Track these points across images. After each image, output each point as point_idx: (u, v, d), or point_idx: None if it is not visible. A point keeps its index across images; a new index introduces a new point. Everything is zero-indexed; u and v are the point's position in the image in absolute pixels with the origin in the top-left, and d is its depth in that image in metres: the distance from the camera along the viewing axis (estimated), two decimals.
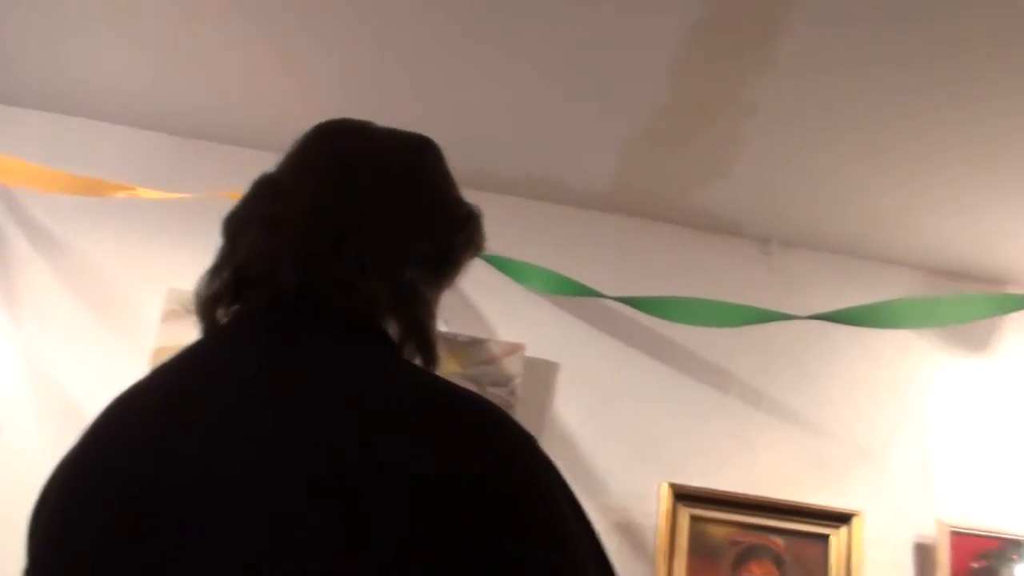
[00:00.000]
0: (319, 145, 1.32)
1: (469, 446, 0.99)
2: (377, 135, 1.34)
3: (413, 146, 1.34)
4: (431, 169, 1.32)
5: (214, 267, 1.23)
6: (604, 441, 3.15)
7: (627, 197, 3.26)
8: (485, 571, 0.92)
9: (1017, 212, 3.08)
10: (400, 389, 1.05)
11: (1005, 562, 3.22)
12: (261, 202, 1.27)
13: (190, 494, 0.99)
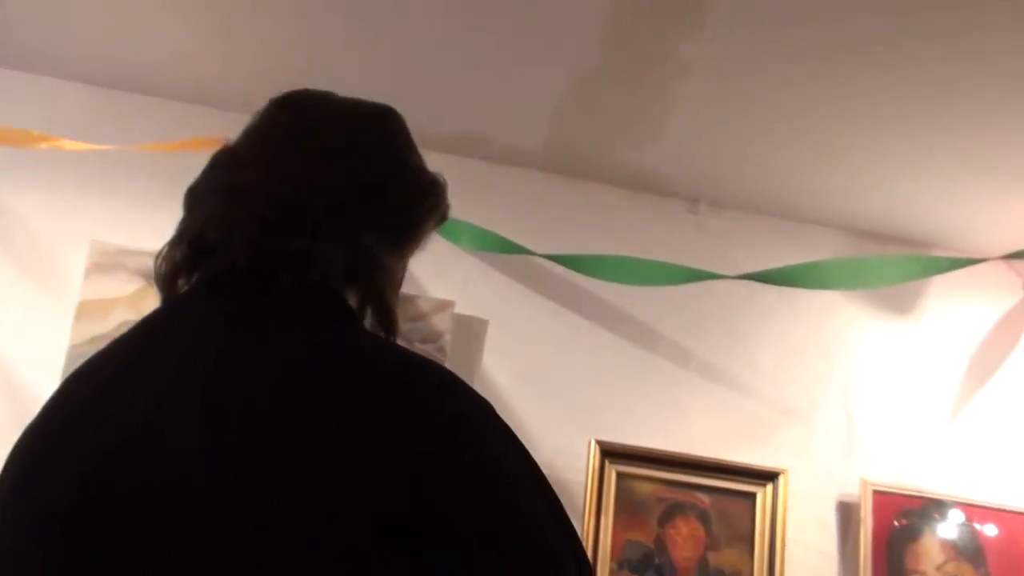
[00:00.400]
0: (279, 115, 1.33)
1: (424, 419, 1.00)
2: (338, 104, 1.35)
3: (374, 114, 1.35)
4: (392, 137, 1.34)
5: (174, 238, 1.25)
6: (533, 398, 3.16)
7: (558, 156, 3.27)
8: (443, 544, 0.94)
9: (943, 174, 3.13)
10: (350, 361, 1.05)
11: (927, 521, 3.28)
12: (219, 172, 1.28)
13: (135, 473, 1.00)
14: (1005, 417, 3.47)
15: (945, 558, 3.26)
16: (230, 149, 1.31)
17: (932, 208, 3.33)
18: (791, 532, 3.18)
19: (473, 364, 3.15)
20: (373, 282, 1.21)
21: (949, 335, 3.53)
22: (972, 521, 3.30)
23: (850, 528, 3.25)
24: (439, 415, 1.01)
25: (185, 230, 1.24)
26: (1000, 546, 3.29)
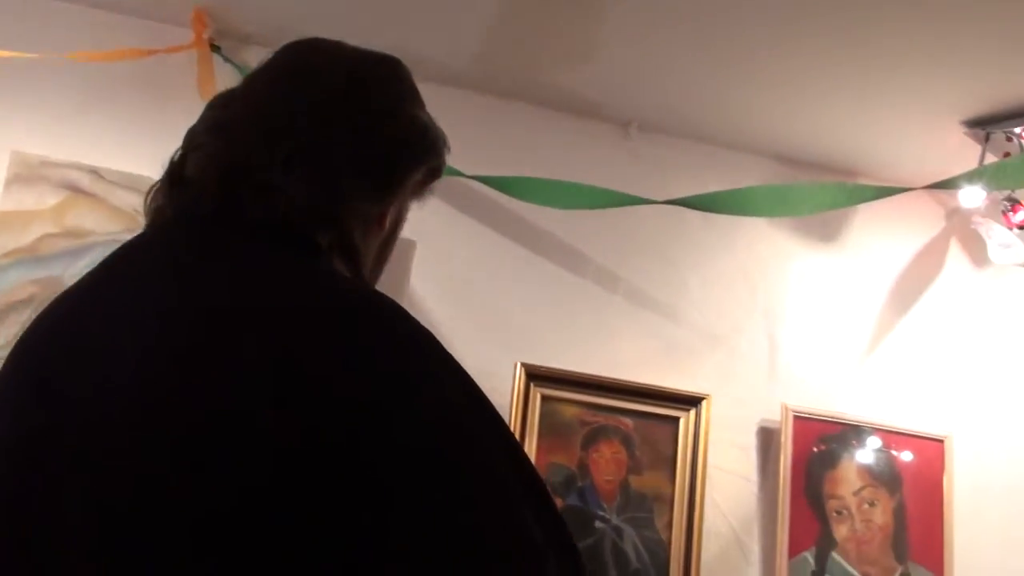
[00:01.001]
0: (279, 58, 1.33)
1: (367, 361, 1.00)
2: (339, 51, 1.35)
3: (372, 61, 1.34)
4: (384, 84, 1.32)
5: (164, 174, 1.24)
6: (460, 320, 3.17)
7: (489, 76, 3.26)
8: (389, 484, 0.95)
9: (868, 103, 3.17)
10: (302, 297, 1.06)
11: (845, 446, 3.36)
12: (213, 111, 1.27)
13: (82, 406, 1.01)
14: (925, 345, 3.56)
15: (862, 484, 3.35)
16: (229, 91, 1.31)
17: (858, 137, 3.38)
18: (712, 457, 3.25)
19: (400, 285, 3.15)
20: (340, 223, 1.21)
21: (872, 264, 3.60)
22: (889, 447, 3.38)
23: (770, 453, 3.33)
24: (381, 365, 1.01)
25: (175, 165, 1.25)
26: (915, 472, 3.38)
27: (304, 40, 1.36)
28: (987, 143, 3.24)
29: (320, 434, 0.94)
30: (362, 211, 1.25)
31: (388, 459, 0.95)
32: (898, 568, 3.30)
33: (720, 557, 3.22)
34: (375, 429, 0.96)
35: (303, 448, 0.93)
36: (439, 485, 0.96)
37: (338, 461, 0.93)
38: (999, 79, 2.99)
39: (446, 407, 1.03)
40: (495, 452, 1.03)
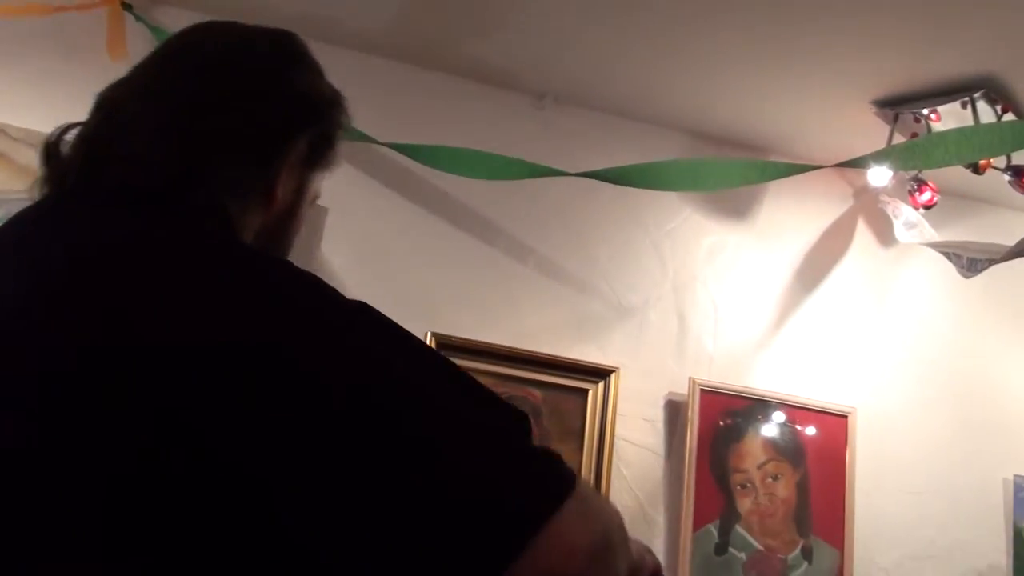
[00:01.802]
0: (170, 39, 1.34)
1: (231, 311, 1.00)
2: (227, 28, 1.35)
3: (255, 34, 1.35)
4: (264, 55, 1.32)
5: (40, 151, 1.26)
6: (370, 289, 3.12)
7: (404, 43, 3.27)
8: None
9: (780, 81, 3.23)
10: (143, 263, 1.05)
11: (751, 421, 3.42)
12: (102, 92, 1.28)
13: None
14: (831, 322, 3.64)
15: (766, 457, 3.41)
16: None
17: (770, 114, 3.45)
18: (620, 429, 3.29)
19: (311, 252, 3.15)
20: (210, 193, 1.20)
21: (781, 240, 3.67)
22: (794, 422, 3.45)
23: (677, 427, 3.38)
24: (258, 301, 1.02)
25: (44, 145, 1.26)
26: (819, 446, 3.45)
27: (200, 23, 1.36)
28: (896, 123, 3.31)
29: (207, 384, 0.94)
30: (239, 182, 1.24)
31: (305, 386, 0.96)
32: (800, 541, 3.37)
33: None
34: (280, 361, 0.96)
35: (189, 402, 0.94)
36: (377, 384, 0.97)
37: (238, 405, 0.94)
38: (909, 60, 3.06)
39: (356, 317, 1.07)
40: (418, 345, 1.07)
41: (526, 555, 0.91)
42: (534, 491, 0.95)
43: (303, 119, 1.32)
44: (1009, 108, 3.16)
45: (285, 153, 1.29)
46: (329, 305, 1.07)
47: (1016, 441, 3.70)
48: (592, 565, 0.95)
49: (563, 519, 0.94)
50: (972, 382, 3.73)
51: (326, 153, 1.38)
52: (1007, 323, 3.81)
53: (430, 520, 0.91)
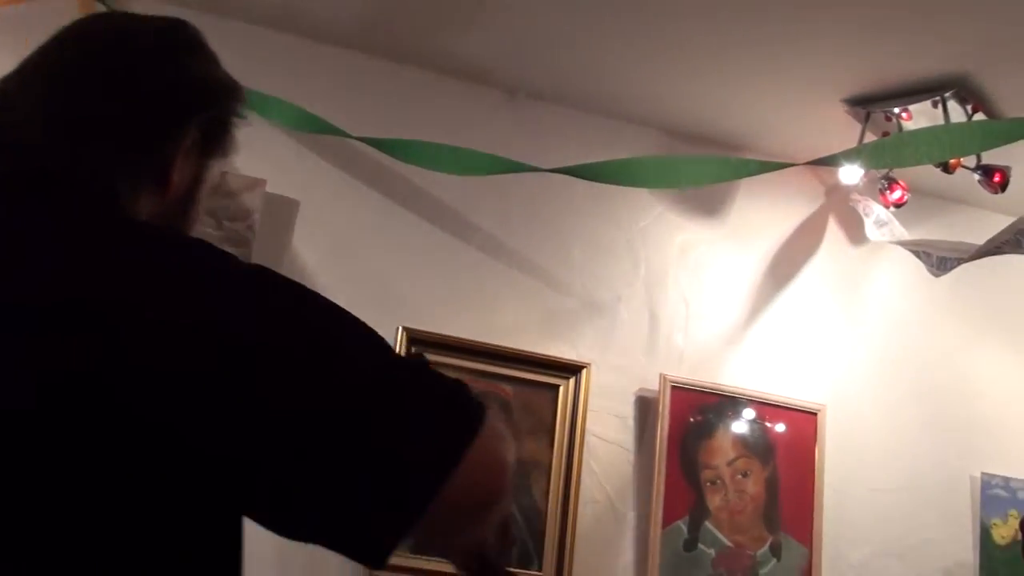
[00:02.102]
0: (63, 29, 1.33)
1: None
2: (121, 17, 1.38)
3: (147, 24, 1.35)
4: (152, 43, 1.32)
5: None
6: (342, 282, 3.17)
7: (377, 37, 3.28)
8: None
9: (753, 79, 3.25)
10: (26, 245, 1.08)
11: (721, 417, 3.44)
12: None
13: None
14: (801, 319, 3.67)
15: (736, 454, 3.43)
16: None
17: (743, 112, 3.47)
18: (591, 425, 3.31)
19: (282, 245, 3.15)
20: (97, 178, 1.21)
21: (753, 237, 3.69)
22: (763, 419, 3.47)
23: (647, 423, 3.40)
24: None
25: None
26: (788, 442, 3.48)
27: (95, 13, 1.38)
28: (867, 122, 3.33)
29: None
30: (130, 167, 1.25)
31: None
32: (769, 538, 3.39)
33: (595, 525, 3.28)
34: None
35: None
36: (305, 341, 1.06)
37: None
38: (881, 59, 3.08)
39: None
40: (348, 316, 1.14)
41: (461, 469, 1.02)
42: (461, 414, 1.06)
43: (195, 105, 1.32)
44: (980, 108, 3.19)
45: (178, 139, 1.29)
46: (231, 267, 1.11)
47: (984, 438, 3.73)
48: (509, 478, 1.10)
49: (486, 437, 1.05)
50: (941, 380, 3.76)
51: (223, 140, 1.38)
52: (976, 322, 3.84)
53: (379, 445, 1.02)
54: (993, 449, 3.72)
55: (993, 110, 3.21)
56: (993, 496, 3.66)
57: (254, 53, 3.19)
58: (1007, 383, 3.82)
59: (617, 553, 3.30)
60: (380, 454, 1.01)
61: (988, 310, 3.86)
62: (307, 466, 1.00)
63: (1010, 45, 2.94)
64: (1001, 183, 3.31)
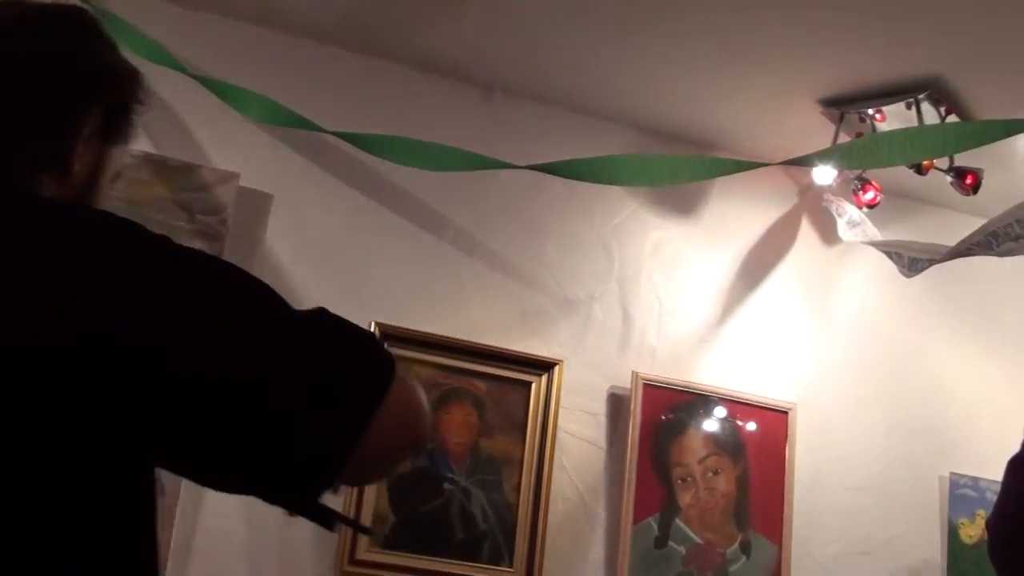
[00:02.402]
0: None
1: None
2: (19, 5, 1.33)
3: (47, 11, 1.34)
4: (56, 31, 1.32)
5: None
6: (315, 277, 3.19)
7: (355, 32, 3.28)
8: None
9: (729, 79, 3.28)
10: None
11: (692, 415, 3.46)
12: None
13: None
14: (774, 318, 3.69)
15: (707, 452, 3.45)
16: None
17: (719, 112, 3.49)
18: (563, 422, 3.33)
19: (256, 239, 3.16)
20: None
21: (727, 237, 3.71)
22: (735, 417, 3.49)
23: (619, 420, 3.41)
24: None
25: None
26: (759, 441, 3.51)
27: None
28: (841, 123, 3.36)
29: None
30: (30, 153, 1.25)
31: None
32: (739, 536, 3.42)
33: (566, 521, 3.30)
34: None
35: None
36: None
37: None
38: (856, 61, 3.10)
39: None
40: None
41: (381, 415, 1.09)
42: (377, 364, 1.13)
43: (94, 92, 1.32)
44: (953, 110, 3.22)
45: (77, 125, 1.30)
46: (139, 235, 1.15)
47: (953, 439, 3.77)
48: (426, 423, 1.20)
49: (400, 385, 1.12)
50: (911, 381, 3.79)
51: (124, 127, 1.38)
52: (946, 323, 3.88)
53: (306, 395, 1.08)
54: (962, 449, 3.76)
55: (966, 112, 3.24)
56: (961, 496, 3.70)
57: (229, 47, 3.21)
58: (977, 384, 3.86)
59: (588, 549, 3.31)
60: (304, 407, 1.06)
61: (959, 311, 3.89)
62: (239, 427, 1.06)
63: (983, 48, 2.97)
64: (973, 185, 3.34)
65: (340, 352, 1.12)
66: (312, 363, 1.10)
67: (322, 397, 1.08)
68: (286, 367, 1.08)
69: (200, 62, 3.14)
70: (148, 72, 2.95)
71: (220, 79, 3.09)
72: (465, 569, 3.11)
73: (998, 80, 3.11)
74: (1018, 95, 3.15)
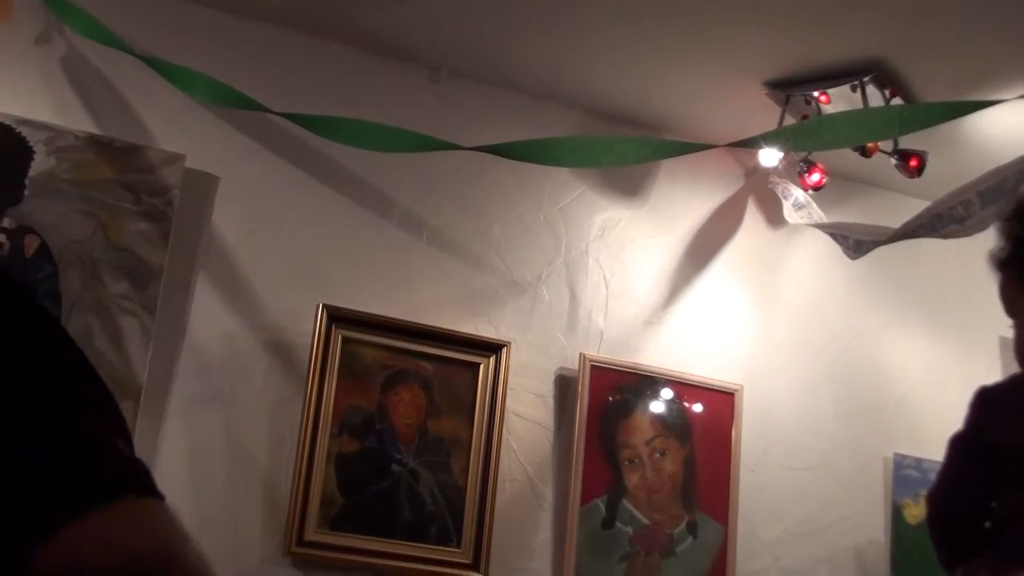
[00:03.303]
0: None
1: None
2: None
3: None
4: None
5: None
6: (263, 259, 3.23)
7: (300, 12, 3.30)
8: None
9: (674, 61, 3.33)
10: None
11: (639, 397, 3.51)
12: None
13: None
14: (720, 300, 3.75)
15: (654, 433, 3.50)
16: None
17: (664, 94, 3.53)
18: (511, 403, 3.37)
19: (202, 221, 3.18)
20: None
21: (673, 219, 3.76)
22: (682, 399, 3.54)
23: (567, 402, 3.46)
24: None
25: None
26: (706, 422, 3.57)
27: None
28: (787, 105, 3.41)
29: None
30: None
31: None
32: (685, 516, 3.48)
33: (514, 502, 3.35)
34: None
35: None
36: None
37: None
38: (801, 43, 3.16)
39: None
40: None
41: (69, 530, 0.94)
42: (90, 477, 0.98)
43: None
44: (897, 92, 3.27)
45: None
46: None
47: (897, 420, 3.84)
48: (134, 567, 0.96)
49: (112, 513, 0.97)
50: (856, 362, 3.86)
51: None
52: (891, 305, 3.95)
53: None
54: (906, 430, 3.83)
55: (910, 95, 3.30)
56: (905, 476, 3.77)
57: (175, 27, 3.23)
58: (921, 365, 3.93)
59: (535, 530, 3.36)
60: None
61: (903, 293, 3.96)
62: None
63: (926, 30, 3.03)
64: (917, 168, 3.40)
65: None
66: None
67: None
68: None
69: (146, 42, 3.15)
70: (92, 52, 2.98)
71: (166, 59, 3.09)
72: (413, 550, 3.15)
73: (942, 63, 3.17)
74: (961, 77, 3.21)
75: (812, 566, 3.64)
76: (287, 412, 3.13)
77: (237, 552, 3.01)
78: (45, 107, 3.07)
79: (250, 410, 3.13)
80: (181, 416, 3.06)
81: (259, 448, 3.12)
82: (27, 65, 3.09)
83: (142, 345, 2.99)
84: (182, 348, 3.10)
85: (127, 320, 2.98)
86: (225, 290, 3.17)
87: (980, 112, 2.97)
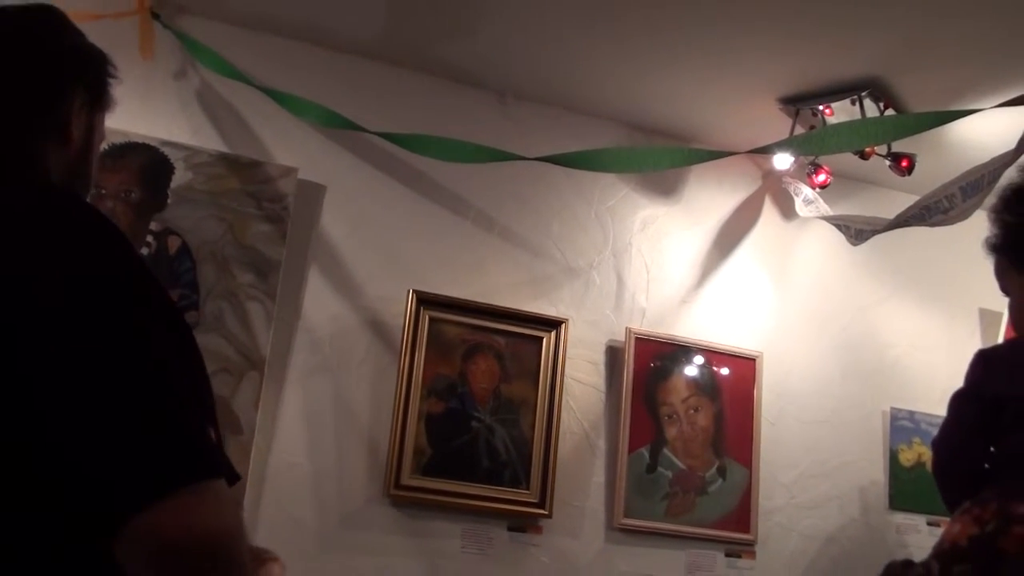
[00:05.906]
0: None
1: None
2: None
3: (23, 9, 1.34)
4: (36, 23, 1.33)
5: None
6: (362, 253, 3.24)
7: (390, 47, 3.31)
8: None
9: (703, 81, 3.31)
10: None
11: (676, 363, 3.50)
12: None
13: None
14: (743, 282, 3.73)
15: (689, 393, 3.50)
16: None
17: (694, 109, 3.51)
18: (569, 370, 3.37)
19: (312, 223, 3.21)
20: (7, 135, 1.24)
21: (702, 214, 3.74)
22: (711, 364, 3.54)
23: (616, 368, 3.46)
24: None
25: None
26: (732, 383, 3.56)
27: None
28: (797, 117, 3.37)
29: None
30: (35, 127, 1.27)
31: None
32: (716, 462, 3.47)
33: (573, 452, 3.35)
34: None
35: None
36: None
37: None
38: (808, 64, 3.12)
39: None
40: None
41: (156, 508, 0.94)
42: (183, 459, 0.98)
43: (79, 69, 1.34)
44: (890, 104, 3.24)
45: (70, 98, 1.30)
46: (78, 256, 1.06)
47: (893, 379, 3.82)
48: (206, 548, 0.95)
49: (193, 495, 0.96)
50: (857, 331, 3.83)
51: (104, 96, 1.39)
52: (887, 283, 3.91)
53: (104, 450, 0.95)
54: (900, 388, 3.81)
55: (901, 106, 3.27)
56: (900, 426, 3.76)
57: (290, 62, 3.25)
58: (912, 333, 3.90)
59: (591, 475, 3.36)
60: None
61: (897, 273, 3.92)
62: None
63: (914, 52, 3.00)
64: (908, 167, 3.38)
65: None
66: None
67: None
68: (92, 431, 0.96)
69: (264, 75, 3.18)
70: (221, 84, 2.95)
71: (282, 89, 3.14)
72: (490, 491, 3.16)
73: (928, 78, 3.13)
74: (945, 91, 3.17)
75: (823, 503, 3.63)
76: (385, 379, 3.16)
77: (346, 495, 3.05)
78: (183, 130, 3.10)
79: (354, 378, 3.15)
80: (298, 384, 3.09)
81: (362, 409, 3.14)
82: (167, 96, 3.12)
83: (265, 325, 3.02)
84: (298, 328, 3.12)
85: (252, 305, 3.01)
86: (332, 279, 3.19)
87: (962, 120, 2.92)
